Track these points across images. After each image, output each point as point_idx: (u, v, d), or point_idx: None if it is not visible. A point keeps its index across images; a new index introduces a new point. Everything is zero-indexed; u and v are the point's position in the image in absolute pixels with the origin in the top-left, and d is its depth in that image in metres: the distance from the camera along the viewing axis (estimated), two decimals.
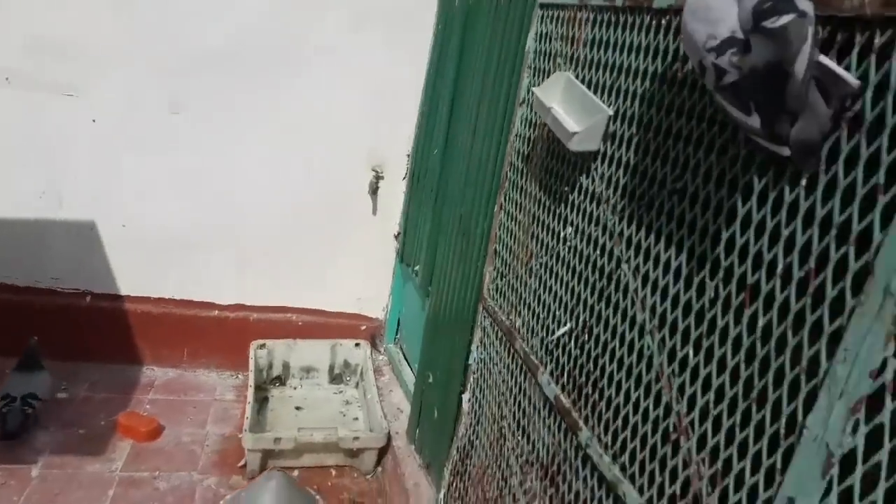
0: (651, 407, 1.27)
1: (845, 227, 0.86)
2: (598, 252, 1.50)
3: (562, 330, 1.65)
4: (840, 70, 0.84)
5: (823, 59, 0.86)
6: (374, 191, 3.44)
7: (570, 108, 1.51)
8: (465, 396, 2.35)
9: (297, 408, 3.23)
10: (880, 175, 0.81)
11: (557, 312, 1.69)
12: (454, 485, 2.37)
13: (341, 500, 2.72)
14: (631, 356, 1.35)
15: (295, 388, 3.37)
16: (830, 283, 0.88)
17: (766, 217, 0.99)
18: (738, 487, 1.05)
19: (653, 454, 1.26)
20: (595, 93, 1.50)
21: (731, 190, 1.07)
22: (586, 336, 1.54)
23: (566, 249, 1.67)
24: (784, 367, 0.97)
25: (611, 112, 1.41)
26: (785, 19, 0.80)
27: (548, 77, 1.74)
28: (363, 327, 3.68)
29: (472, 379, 2.31)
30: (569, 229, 1.66)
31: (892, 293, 0.79)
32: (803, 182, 0.93)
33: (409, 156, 3.45)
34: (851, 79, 0.84)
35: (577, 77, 1.59)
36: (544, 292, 1.78)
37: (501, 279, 2.12)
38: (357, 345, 3.53)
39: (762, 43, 0.83)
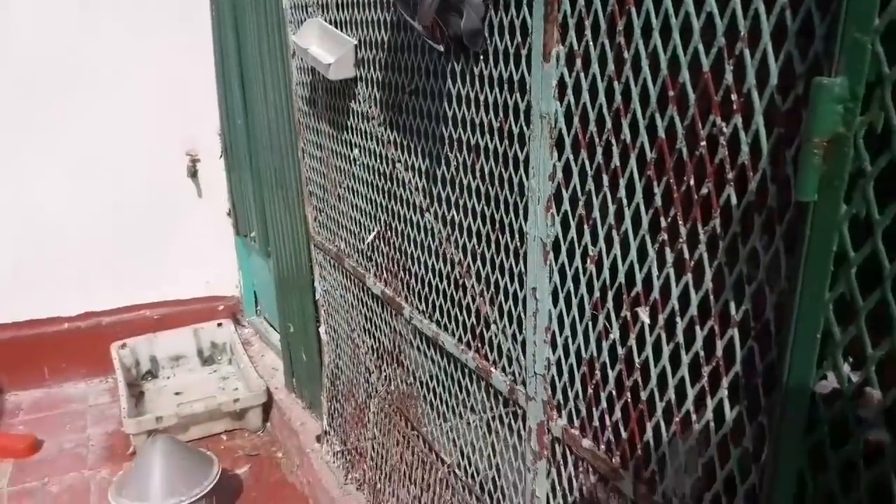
0: (443, 266, 1.60)
1: (510, 80, 1.19)
2: (378, 161, 1.79)
3: (371, 235, 1.94)
4: None
5: None
6: (193, 174, 3.54)
7: (324, 45, 1.76)
8: (322, 329, 2.61)
9: (177, 393, 3.34)
10: (517, 37, 1.14)
11: (365, 223, 1.98)
12: (332, 408, 2.64)
13: (236, 458, 2.91)
14: (421, 234, 1.66)
15: (168, 378, 3.47)
16: (514, 124, 1.21)
17: (468, 90, 1.31)
18: (506, 298, 1.39)
19: (452, 302, 1.59)
20: (342, 29, 1.76)
21: (443, 78, 1.38)
22: (389, 233, 1.84)
23: (358, 167, 1.94)
24: (507, 196, 1.30)
25: (355, 41, 1.68)
26: None
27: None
28: (221, 307, 3.81)
29: (323, 311, 2.57)
30: (355, 150, 1.94)
31: (544, 115, 1.13)
32: (482, 57, 1.25)
33: (219, 134, 3.56)
34: None
35: (326, 20, 1.84)
36: (353, 211, 2.06)
37: (321, 214, 2.37)
38: (220, 325, 3.66)
39: None
